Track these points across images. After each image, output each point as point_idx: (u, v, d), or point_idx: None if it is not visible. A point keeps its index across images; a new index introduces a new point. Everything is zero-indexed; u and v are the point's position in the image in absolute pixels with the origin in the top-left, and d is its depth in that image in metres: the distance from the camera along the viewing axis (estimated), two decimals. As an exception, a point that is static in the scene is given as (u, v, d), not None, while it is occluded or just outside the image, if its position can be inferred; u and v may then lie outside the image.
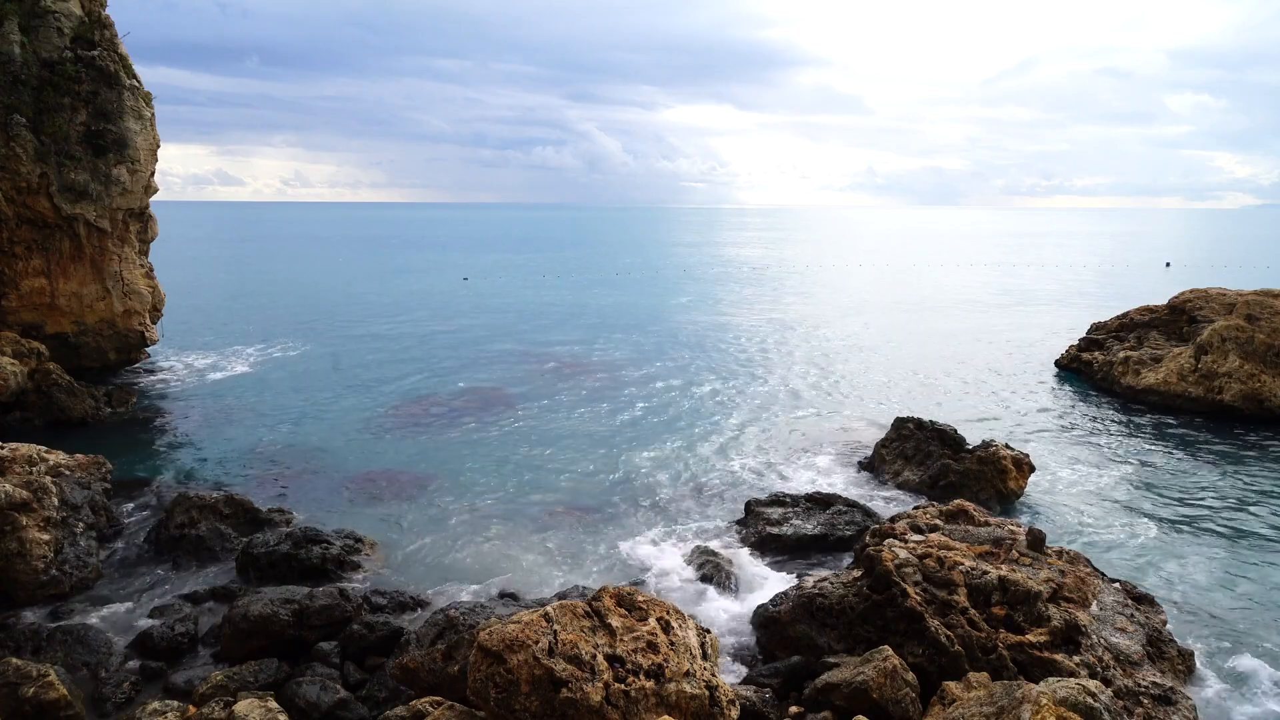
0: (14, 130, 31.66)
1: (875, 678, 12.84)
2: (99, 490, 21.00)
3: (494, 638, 11.21)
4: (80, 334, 35.60)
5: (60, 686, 13.20)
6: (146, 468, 26.16)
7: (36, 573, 17.22)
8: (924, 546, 15.76)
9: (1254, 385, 31.56)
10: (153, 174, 36.66)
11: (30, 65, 32.51)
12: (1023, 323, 57.87)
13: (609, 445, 28.76)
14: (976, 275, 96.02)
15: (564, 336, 51.15)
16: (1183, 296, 39.64)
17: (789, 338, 51.08)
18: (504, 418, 32.12)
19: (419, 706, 12.35)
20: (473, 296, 71.79)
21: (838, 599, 15.39)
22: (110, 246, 35.51)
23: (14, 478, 18.43)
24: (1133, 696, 12.96)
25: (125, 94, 34.58)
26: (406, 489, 24.45)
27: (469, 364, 42.48)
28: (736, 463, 27.13)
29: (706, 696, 11.40)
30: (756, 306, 66.71)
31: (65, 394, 30.47)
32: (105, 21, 35.20)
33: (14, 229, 33.21)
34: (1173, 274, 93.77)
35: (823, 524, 20.71)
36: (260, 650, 15.22)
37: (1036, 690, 10.55)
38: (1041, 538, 16.47)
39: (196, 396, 34.94)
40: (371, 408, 33.60)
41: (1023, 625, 14.02)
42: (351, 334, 51.20)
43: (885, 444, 26.20)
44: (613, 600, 12.37)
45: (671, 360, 43.78)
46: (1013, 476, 23.65)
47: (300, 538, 19.38)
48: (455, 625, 13.87)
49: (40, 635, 15.54)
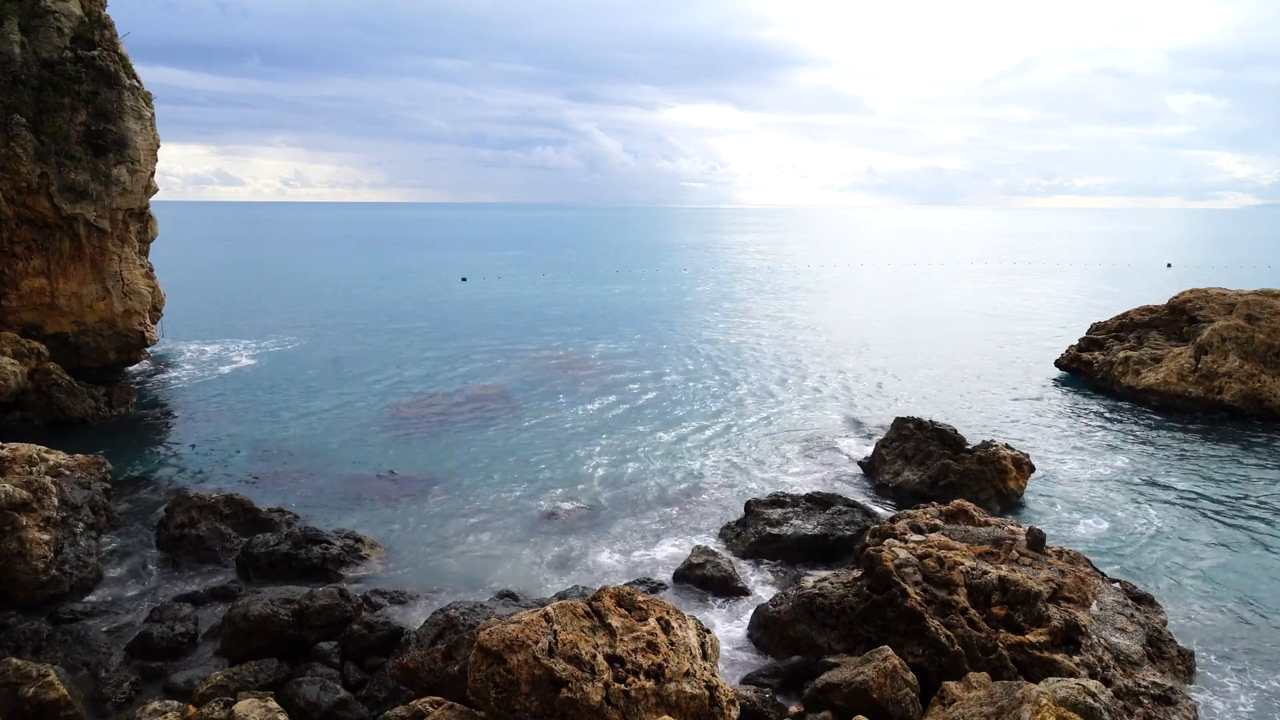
0: (14, 130, 31.66)
1: (875, 678, 12.84)
2: (99, 490, 21.00)
3: (494, 638, 11.21)
4: (80, 334, 35.60)
5: (60, 686, 13.20)
6: (146, 468, 26.17)
7: (36, 573, 17.22)
8: (924, 546, 15.76)
9: (1254, 385, 31.57)
10: (153, 174, 36.66)
11: (30, 65, 32.51)
12: (1023, 322, 57.89)
13: (609, 445, 28.76)
14: (976, 275, 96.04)
15: (564, 336, 51.16)
16: (1183, 296, 39.64)
17: (789, 337, 51.09)
18: (504, 418, 32.13)
19: (419, 706, 12.35)
20: (473, 297, 71.82)
21: (838, 599, 15.39)
22: (110, 246, 35.51)
23: (14, 478, 18.43)
24: (1133, 696, 12.96)
25: (125, 94, 34.59)
26: (406, 489, 24.45)
27: (469, 364, 42.49)
28: (736, 463, 27.13)
29: (706, 696, 11.40)
30: (757, 307, 66.73)
31: (65, 394, 30.47)
32: (105, 21, 35.21)
33: (14, 229, 33.21)
34: (1173, 274, 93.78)
35: (823, 524, 20.70)
36: (260, 650, 15.21)
37: (1036, 690, 10.55)
38: (1041, 538, 16.47)
39: (196, 396, 34.94)
40: (371, 408, 33.60)
41: (1023, 625, 14.02)
42: (351, 334, 51.22)
43: (885, 444, 26.20)
44: (613, 600, 12.37)
45: (671, 360, 43.79)
46: (1013, 476, 23.64)
47: (300, 538, 19.38)
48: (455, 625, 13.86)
49: (40, 635, 15.55)
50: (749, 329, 54.57)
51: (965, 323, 57.87)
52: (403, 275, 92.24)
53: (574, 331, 53.06)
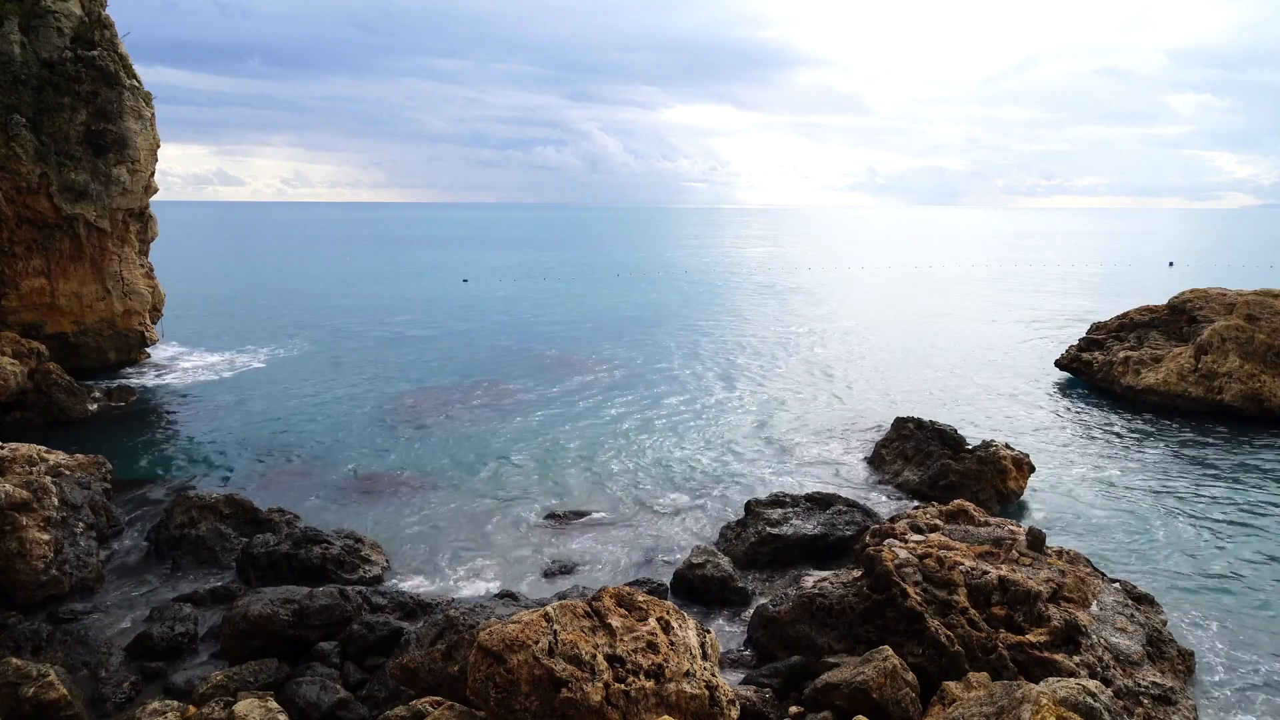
0: (14, 130, 31.66)
1: (875, 678, 12.83)
2: (99, 490, 21.00)
3: (494, 638, 11.21)
4: (80, 334, 35.60)
5: (60, 686, 13.20)
6: (146, 468, 26.17)
7: (36, 573, 17.21)
8: (924, 546, 15.76)
9: (1254, 385, 31.55)
10: (153, 174, 36.67)
11: (30, 65, 32.52)
12: (1023, 323, 57.87)
13: (609, 445, 28.76)
14: (977, 275, 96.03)
15: (564, 337, 51.17)
16: (1183, 296, 39.62)
17: (789, 338, 51.09)
18: (504, 418, 32.12)
19: (419, 706, 12.35)
20: (473, 297, 71.81)
21: (838, 599, 15.38)
22: (110, 246, 35.52)
23: (14, 478, 18.43)
24: (1133, 696, 12.96)
25: (125, 94, 34.60)
26: (406, 489, 24.45)
27: (469, 364, 42.49)
28: (736, 463, 27.13)
29: (706, 696, 11.40)
30: (757, 307, 66.73)
31: (65, 394, 30.48)
32: (105, 21, 35.22)
33: (14, 229, 33.21)
34: (1173, 274, 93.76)
35: (823, 524, 20.70)
36: (260, 650, 15.21)
37: (1036, 690, 10.55)
38: (1041, 538, 16.46)
39: (196, 396, 34.94)
40: (371, 408, 33.60)
41: (1023, 625, 14.02)
42: (351, 334, 51.22)
43: (885, 444, 26.20)
44: (613, 600, 12.36)
45: (672, 360, 43.79)
46: (1013, 476, 23.64)
47: (300, 538, 19.37)
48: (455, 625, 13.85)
49: (40, 635, 15.55)
50: (749, 329, 54.57)
51: (965, 322, 57.86)
52: (403, 275, 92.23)
53: (575, 332, 53.06)
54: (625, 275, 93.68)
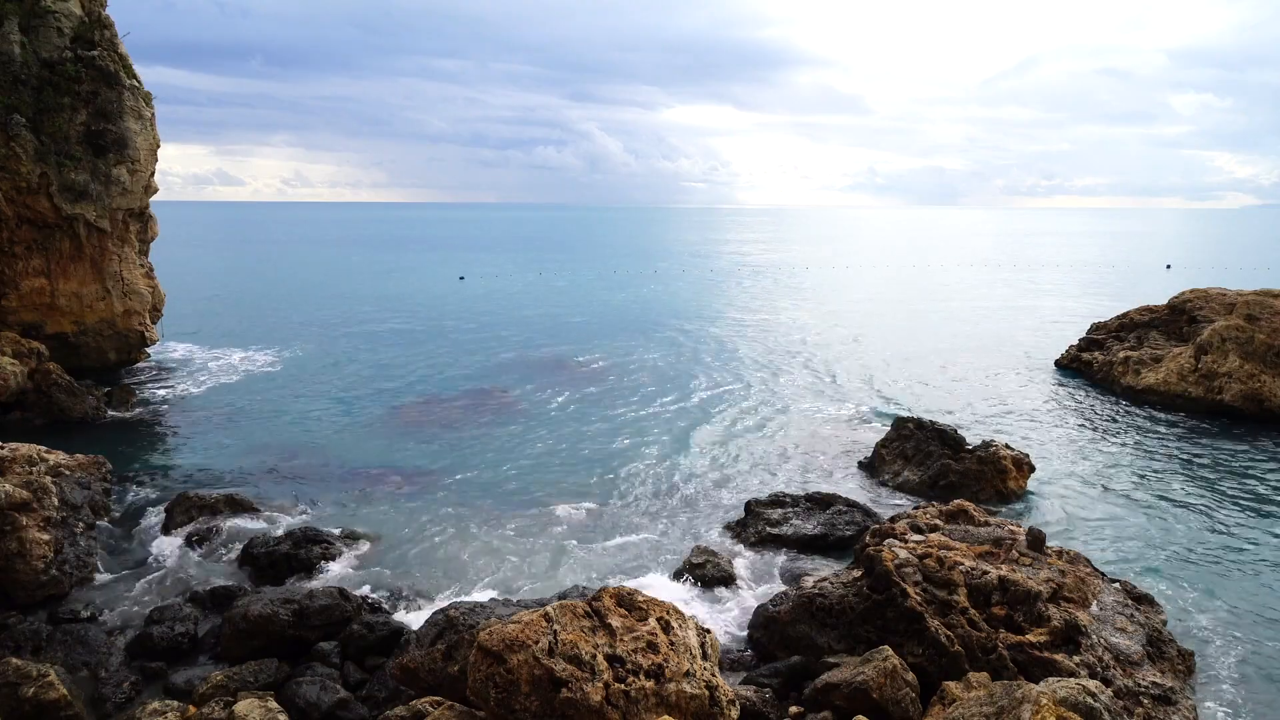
0: (14, 130, 31.65)
1: (875, 678, 12.83)
2: (99, 490, 21.00)
3: (494, 638, 11.21)
4: (80, 334, 35.60)
5: (60, 686, 13.20)
6: (146, 468, 26.16)
7: (36, 573, 17.22)
8: (924, 546, 15.76)
9: (1254, 385, 31.55)
10: (153, 174, 36.66)
11: (30, 65, 32.51)
12: (1023, 322, 57.87)
13: (609, 445, 28.76)
14: (977, 275, 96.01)
15: (564, 337, 51.16)
16: (1183, 296, 39.63)
17: (789, 338, 51.08)
18: (504, 417, 32.12)
19: (419, 706, 12.35)
20: (473, 297, 71.80)
21: (838, 599, 15.38)
22: (110, 246, 35.51)
23: (14, 478, 18.43)
24: (1133, 696, 12.96)
25: (125, 94, 34.59)
26: (407, 489, 24.45)
27: (469, 364, 42.49)
28: (737, 463, 27.13)
29: (706, 696, 11.40)
30: (757, 307, 66.72)
31: (65, 394, 30.47)
32: (105, 21, 35.20)
33: (14, 229, 33.21)
34: (1173, 274, 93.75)
35: (823, 524, 20.71)
36: (260, 650, 15.22)
37: (1036, 690, 10.55)
38: (1041, 538, 16.47)
39: (196, 396, 34.94)
40: (371, 408, 33.60)
41: (1023, 625, 14.02)
42: (350, 334, 51.21)
43: (885, 444, 26.20)
44: (613, 600, 12.36)
45: (672, 360, 43.79)
46: (1013, 476, 23.64)
47: (300, 537, 19.39)
48: (455, 625, 13.85)
49: (40, 635, 15.55)
50: (749, 329, 54.56)
51: (966, 322, 57.85)
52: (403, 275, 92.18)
53: (574, 332, 53.04)
54: (624, 275, 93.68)
